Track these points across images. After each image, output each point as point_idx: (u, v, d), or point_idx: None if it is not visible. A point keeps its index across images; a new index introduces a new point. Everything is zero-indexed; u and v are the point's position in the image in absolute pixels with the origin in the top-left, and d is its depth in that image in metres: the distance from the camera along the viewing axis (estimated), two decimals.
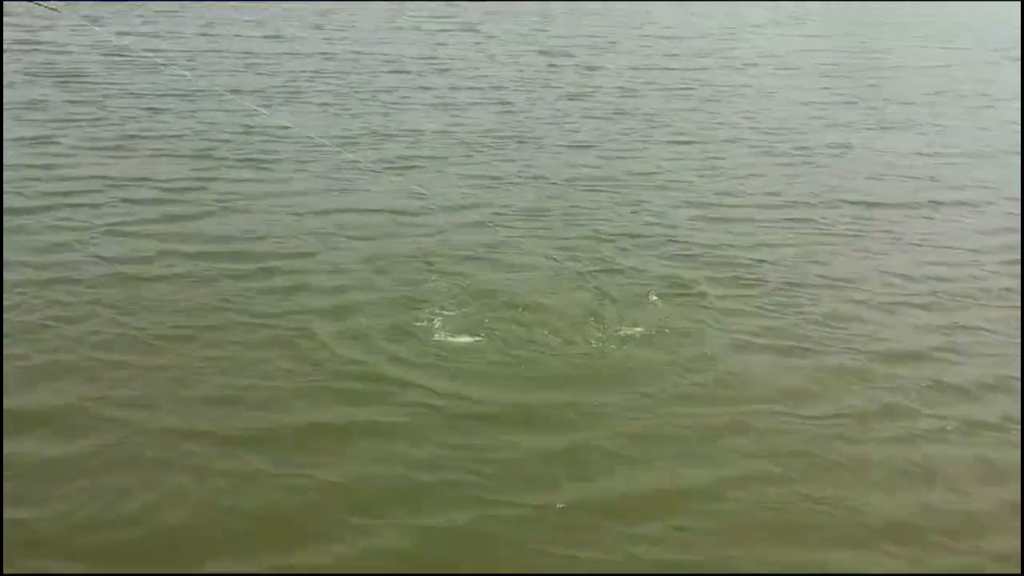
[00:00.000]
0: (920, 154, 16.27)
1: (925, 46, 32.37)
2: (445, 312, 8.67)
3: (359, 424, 6.88)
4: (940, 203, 13.37)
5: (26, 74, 18.59)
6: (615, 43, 28.59)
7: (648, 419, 7.23)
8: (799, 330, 8.91)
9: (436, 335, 8.22)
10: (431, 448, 6.63)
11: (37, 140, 13.89)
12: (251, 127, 15.34)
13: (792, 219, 12.22)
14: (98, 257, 9.64)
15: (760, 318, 9.15)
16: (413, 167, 13.72)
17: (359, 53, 23.66)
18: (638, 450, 6.83)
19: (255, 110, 15.19)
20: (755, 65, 25.63)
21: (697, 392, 7.66)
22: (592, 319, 8.79)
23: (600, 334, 8.48)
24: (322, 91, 18.71)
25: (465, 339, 8.18)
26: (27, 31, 23.71)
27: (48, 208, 10.96)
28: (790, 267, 10.48)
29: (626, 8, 39.37)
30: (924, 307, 9.68)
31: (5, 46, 21.32)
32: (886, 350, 8.62)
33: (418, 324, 8.40)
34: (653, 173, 14.24)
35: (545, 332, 8.44)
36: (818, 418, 7.40)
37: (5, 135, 13.93)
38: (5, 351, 7.56)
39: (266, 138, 14.77)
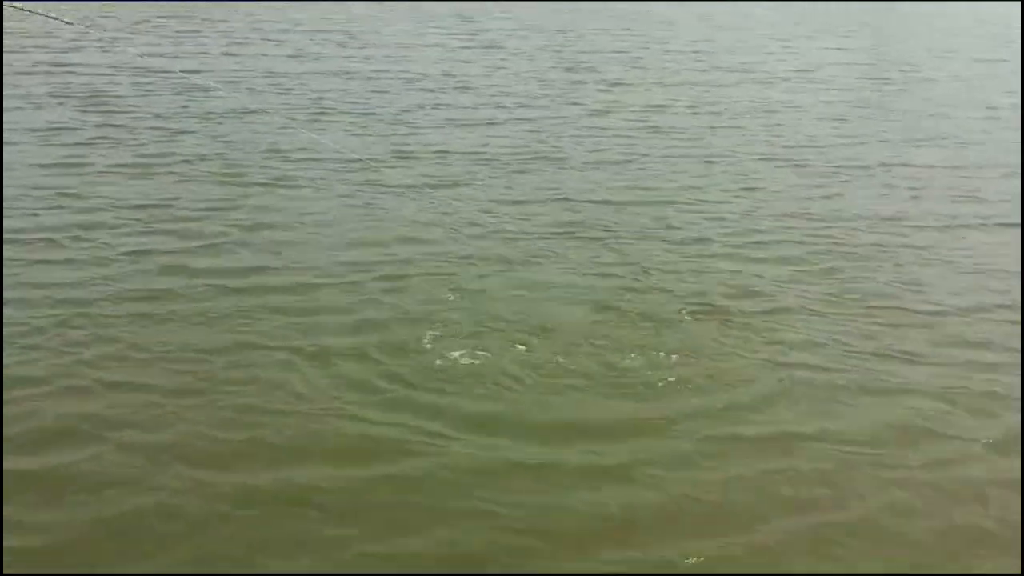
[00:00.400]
0: (955, 168, 15.86)
1: (954, 57, 31.87)
2: (471, 345, 8.36)
3: (380, 476, 6.53)
4: (975, 221, 12.96)
5: (52, 96, 18.62)
6: (641, 58, 28.34)
7: (693, 468, 6.82)
8: (841, 357, 8.54)
9: (463, 371, 7.91)
10: (465, 503, 6.26)
11: (62, 164, 13.83)
12: (275, 149, 15.22)
13: (827, 238, 11.87)
14: (118, 287, 9.44)
15: (800, 346, 8.79)
16: (438, 186, 13.53)
17: (383, 71, 23.57)
18: (681, 502, 6.45)
19: (303, 132, 15.00)
20: (784, 80, 25.28)
21: (746, 433, 7.24)
22: (624, 347, 8.47)
23: (634, 364, 8.15)
24: (347, 111, 18.61)
25: (492, 375, 7.84)
26: (54, 52, 23.86)
27: (70, 236, 10.79)
28: (828, 290, 10.13)
29: (650, 22, 39.18)
30: (966, 335, 9.26)
31: (31, 68, 21.44)
32: (932, 382, 8.21)
33: (442, 360, 8.09)
34: (682, 191, 13.94)
35: (578, 363, 8.12)
36: (868, 455, 7.02)
37: (30, 160, 13.90)
38: (15, 391, 7.33)
39: (290, 160, 14.62)
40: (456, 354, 8.15)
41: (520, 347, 8.39)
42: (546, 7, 41.37)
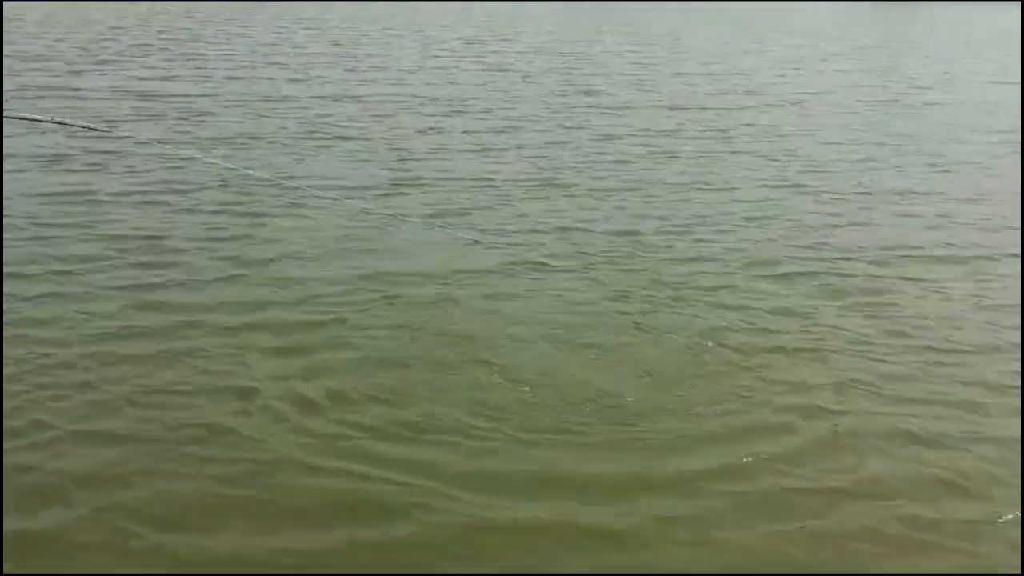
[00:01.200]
0: (979, 200, 15.34)
1: (975, 81, 31.43)
2: (465, 391, 7.80)
3: (392, 542, 5.98)
4: (1003, 255, 12.39)
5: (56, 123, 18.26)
6: (654, 82, 28.01)
7: (715, 530, 6.27)
8: (869, 402, 8.02)
9: (456, 420, 7.34)
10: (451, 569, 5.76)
11: (59, 193, 13.41)
12: (277, 177, 14.76)
13: (849, 275, 11.31)
14: (99, 326, 8.96)
15: (823, 388, 8.25)
16: (442, 214, 13.14)
17: (391, 95, 23.26)
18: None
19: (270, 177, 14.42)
20: (799, 103, 24.86)
21: (773, 488, 6.70)
22: (635, 390, 7.91)
23: (646, 409, 7.58)
24: (351, 136, 18.26)
25: (485, 423, 7.29)
26: (55, 75, 23.61)
27: (52, 270, 10.31)
28: (850, 327, 9.60)
29: (664, 46, 38.94)
30: (1004, 380, 8.68)
31: (30, 91, 21.17)
32: (979, 434, 7.64)
33: (433, 408, 7.55)
34: (695, 220, 13.46)
35: (582, 408, 7.56)
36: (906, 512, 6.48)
37: (32, 190, 13.49)
38: None
39: (290, 189, 14.16)
40: (448, 400, 7.62)
41: (518, 391, 7.82)
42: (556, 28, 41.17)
